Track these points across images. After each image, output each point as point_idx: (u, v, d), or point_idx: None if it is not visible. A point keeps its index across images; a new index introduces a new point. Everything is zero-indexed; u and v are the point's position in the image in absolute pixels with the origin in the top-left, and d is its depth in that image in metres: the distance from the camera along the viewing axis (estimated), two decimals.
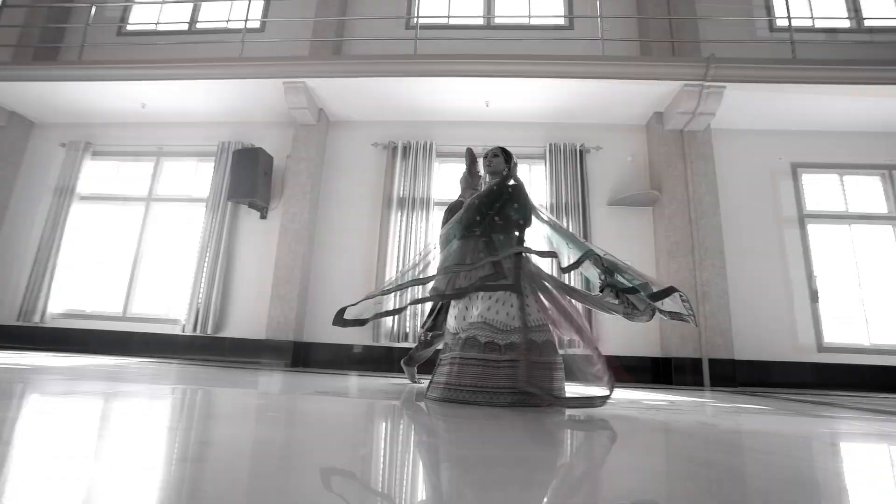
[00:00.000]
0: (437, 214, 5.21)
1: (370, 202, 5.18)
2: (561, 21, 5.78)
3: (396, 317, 4.77)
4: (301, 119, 5.07)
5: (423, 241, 4.93)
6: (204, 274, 4.96)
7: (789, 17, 4.82)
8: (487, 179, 2.49)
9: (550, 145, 5.21)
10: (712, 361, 4.33)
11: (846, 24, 5.65)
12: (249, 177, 4.82)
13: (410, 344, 4.69)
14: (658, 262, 4.78)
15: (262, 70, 4.67)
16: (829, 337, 4.65)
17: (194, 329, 4.84)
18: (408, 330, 4.74)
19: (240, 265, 5.05)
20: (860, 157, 5.11)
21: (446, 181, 5.36)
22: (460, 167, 5.33)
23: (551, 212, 4.95)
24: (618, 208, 5.02)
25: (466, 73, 4.69)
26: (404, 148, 5.28)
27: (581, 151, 5.18)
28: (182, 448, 0.94)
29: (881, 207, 5.06)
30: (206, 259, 5.00)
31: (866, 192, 5.12)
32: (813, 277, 4.77)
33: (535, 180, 5.29)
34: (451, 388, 1.94)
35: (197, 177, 5.52)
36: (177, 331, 4.94)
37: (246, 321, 4.85)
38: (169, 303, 5.14)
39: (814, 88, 4.55)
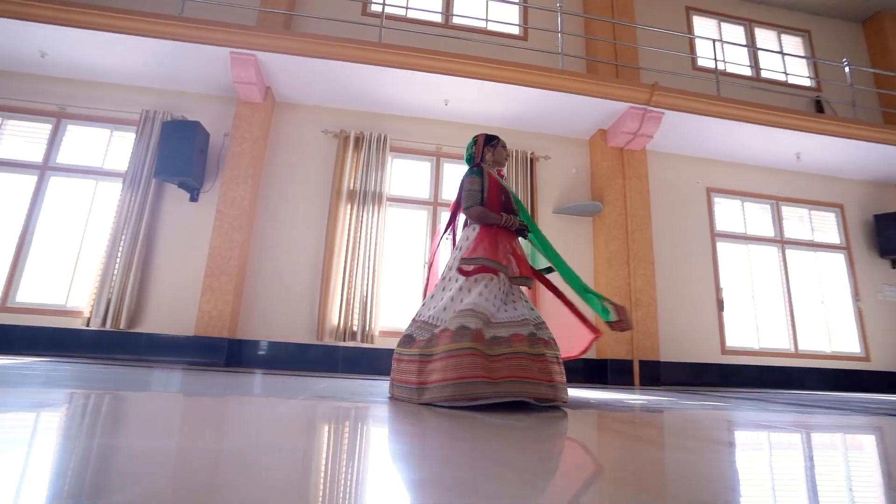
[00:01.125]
0: (391, 210, 5.10)
1: (318, 192, 4.88)
2: (516, 30, 5.93)
3: (343, 314, 4.57)
4: (246, 96, 4.62)
5: (374, 237, 4.77)
6: (118, 259, 4.31)
7: (716, 59, 5.43)
8: (492, 168, 2.42)
9: None
10: (642, 363, 4.75)
11: (750, 71, 6.52)
12: (183, 153, 4.28)
13: (358, 343, 4.53)
14: (597, 270, 5.12)
15: (208, 35, 4.17)
16: (730, 342, 5.34)
17: (103, 323, 4.19)
18: (355, 328, 4.55)
19: (164, 251, 4.47)
20: (756, 188, 5.94)
21: (399, 177, 5.25)
22: (414, 163, 5.32)
23: None
24: (563, 216, 5.28)
25: (429, 68, 4.60)
26: (357, 138, 5.06)
27: (532, 159, 5.37)
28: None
29: (770, 231, 5.92)
30: (122, 242, 4.35)
31: (759, 218, 5.96)
32: (720, 289, 5.45)
33: None
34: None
35: (112, 147, 4.78)
36: (79, 325, 4.23)
37: (170, 315, 4.31)
38: (69, 291, 4.40)
39: (731, 124, 5.18)
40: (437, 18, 5.79)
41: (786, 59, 6.63)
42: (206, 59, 4.39)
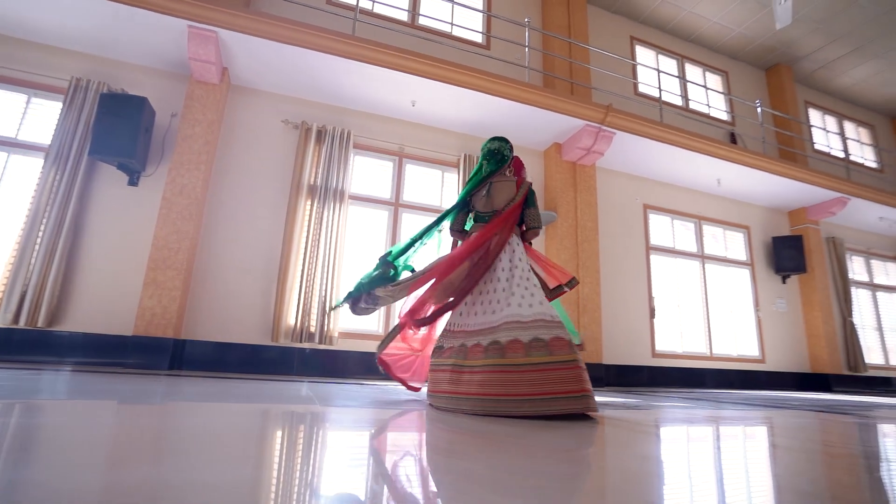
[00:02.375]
0: (354, 209, 4.96)
1: (276, 185, 4.62)
2: (479, 38, 6.05)
3: (300, 314, 4.36)
4: (200, 75, 4.23)
5: (335, 235, 4.61)
6: (37, 246, 3.74)
7: (660, 89, 5.96)
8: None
9: (465, 155, 5.41)
10: (587, 365, 5.06)
11: (681, 101, 7.24)
12: (126, 131, 3.82)
13: (315, 345, 4.36)
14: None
15: (165, 4, 3.77)
16: (659, 346, 5.89)
17: (14, 320, 3.61)
18: (313, 329, 4.36)
19: (95, 239, 3.96)
20: (684, 208, 6.61)
21: (360, 175, 5.12)
22: (376, 162, 5.22)
23: None
24: None
25: (400, 67, 4.54)
26: (319, 131, 4.86)
27: None
28: None
29: (693, 247, 6.63)
30: (43, 227, 3.78)
31: (685, 234, 6.65)
32: (652, 298, 5.99)
33: (448, 187, 5.43)
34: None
35: (30, 116, 4.13)
36: None
37: (103, 312, 3.82)
38: None
39: (668, 148, 5.72)
40: (404, 16, 5.73)
41: (709, 94, 7.44)
42: (158, 29, 3.96)
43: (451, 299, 2.17)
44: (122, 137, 3.81)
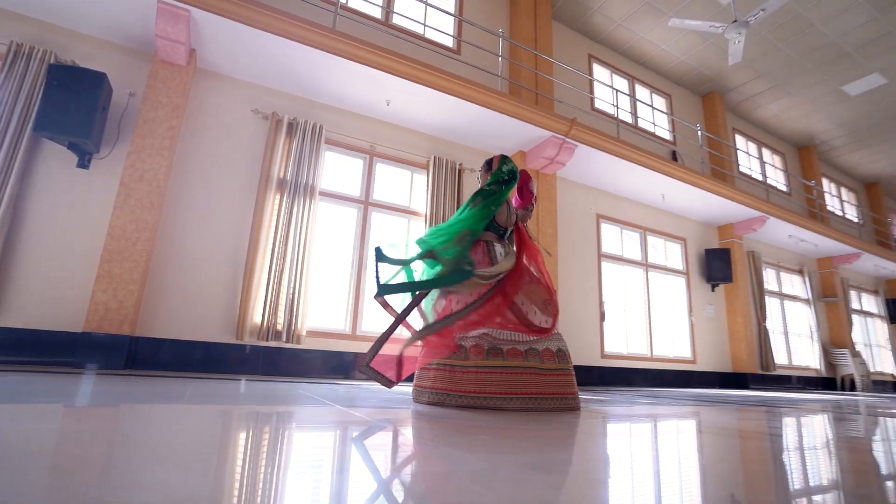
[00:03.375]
0: (323, 205, 4.85)
1: (243, 177, 4.41)
2: (450, 42, 6.13)
3: (267, 312, 4.20)
4: (166, 54, 3.95)
5: (305, 232, 4.48)
6: None
7: (616, 106, 6.36)
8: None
9: (434, 158, 5.46)
10: None
11: (641, 119, 7.76)
12: (81, 108, 3.48)
13: (282, 343, 4.22)
14: None
15: None
16: (608, 347, 6.29)
17: None
18: (279, 327, 4.22)
19: (37, 225, 3.57)
20: (631, 219, 7.11)
21: (332, 171, 5.02)
22: (348, 160, 5.13)
23: (430, 223, 5.22)
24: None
25: (378, 65, 4.50)
26: (290, 124, 4.70)
27: (459, 170, 5.61)
28: None
29: (638, 255, 7.14)
30: None
31: (633, 244, 7.14)
32: (602, 303, 6.38)
33: (417, 188, 5.46)
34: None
35: None
36: None
37: (46, 306, 3.45)
38: None
39: (622, 162, 6.13)
40: (377, 13, 5.67)
41: (654, 114, 8.04)
42: (122, 0, 3.65)
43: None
44: (77, 115, 3.47)
